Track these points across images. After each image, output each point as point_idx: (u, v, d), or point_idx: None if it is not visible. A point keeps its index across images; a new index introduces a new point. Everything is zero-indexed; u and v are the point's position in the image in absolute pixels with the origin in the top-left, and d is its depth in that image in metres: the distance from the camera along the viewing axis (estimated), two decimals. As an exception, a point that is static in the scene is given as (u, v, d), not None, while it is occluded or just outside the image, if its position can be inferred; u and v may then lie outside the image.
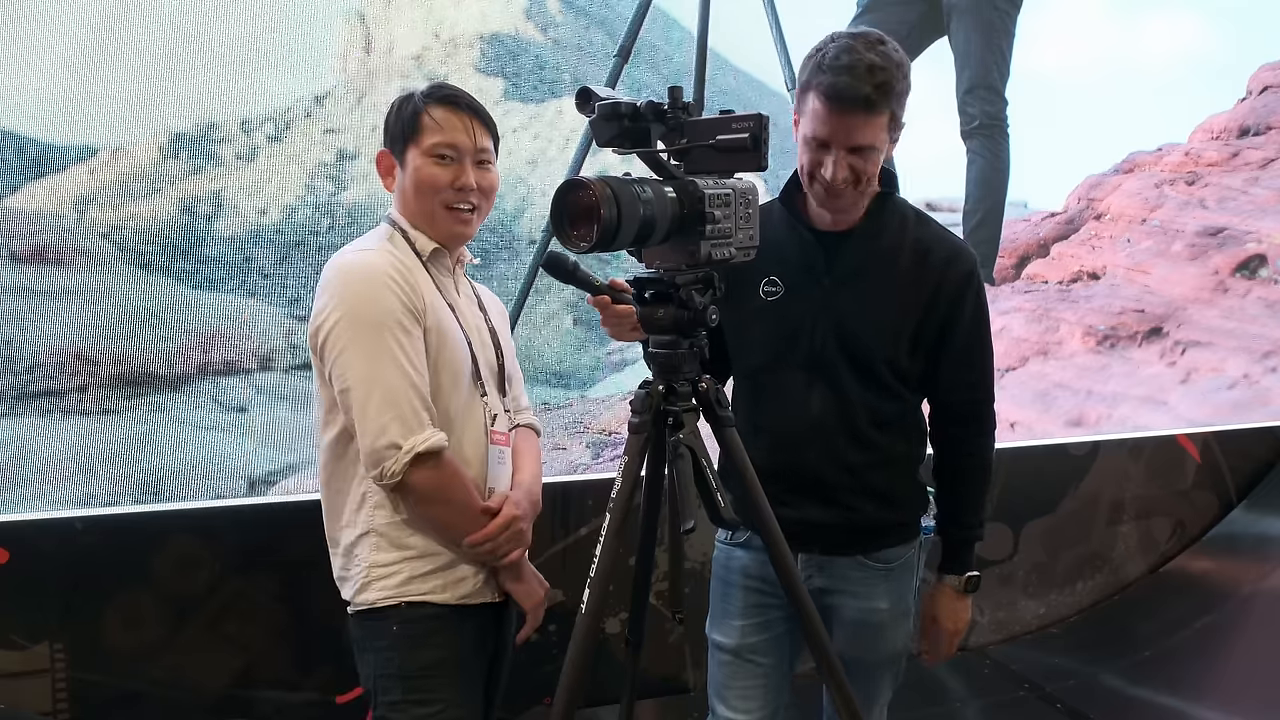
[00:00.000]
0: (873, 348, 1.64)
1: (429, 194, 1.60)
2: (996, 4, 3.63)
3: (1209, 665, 3.28)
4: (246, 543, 2.70)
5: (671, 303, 1.28)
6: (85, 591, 2.57)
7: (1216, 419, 4.03)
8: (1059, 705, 3.09)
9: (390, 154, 1.64)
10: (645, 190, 1.21)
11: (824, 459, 1.68)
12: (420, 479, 1.51)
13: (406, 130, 1.60)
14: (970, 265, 1.67)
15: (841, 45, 1.56)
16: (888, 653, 1.80)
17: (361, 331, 1.48)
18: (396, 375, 1.49)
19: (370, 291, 1.50)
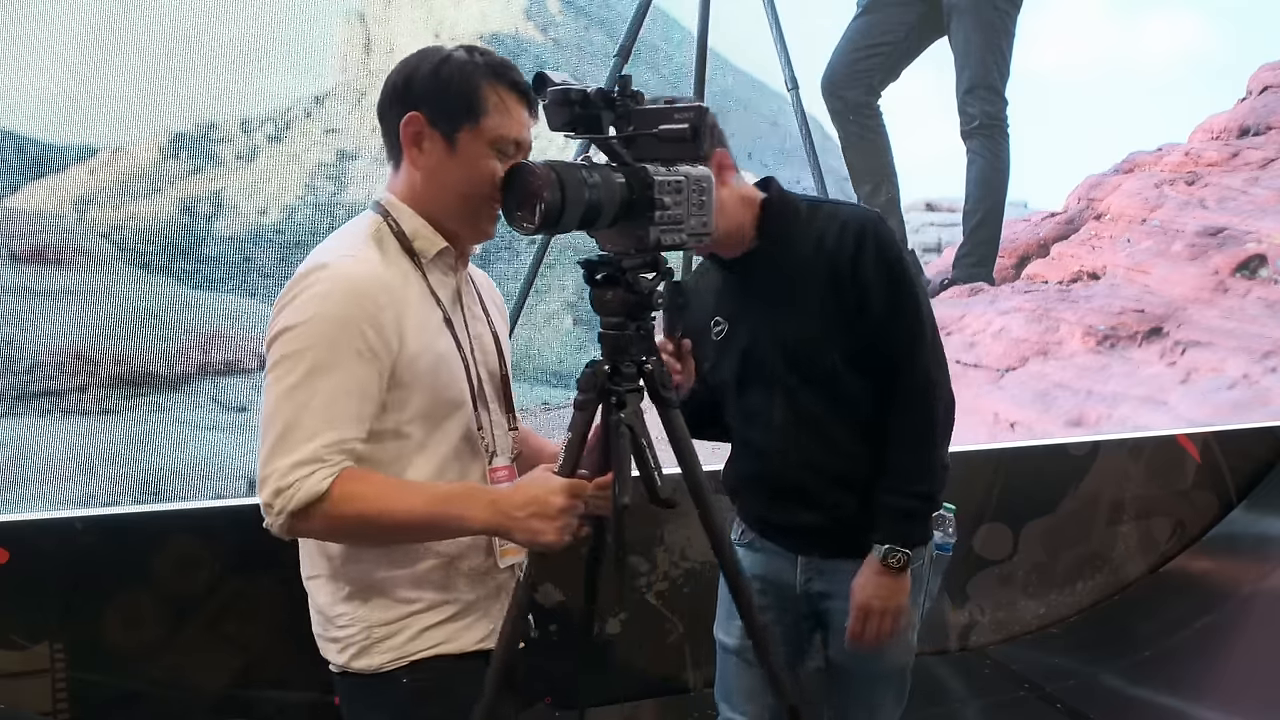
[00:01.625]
0: (813, 354, 1.67)
1: (479, 190, 1.34)
2: (996, 4, 3.63)
3: (1209, 665, 3.28)
4: (246, 543, 2.70)
5: (619, 285, 1.29)
6: (85, 591, 2.57)
7: (1216, 419, 4.03)
8: (1059, 705, 3.09)
9: (424, 119, 1.33)
10: (593, 175, 1.23)
11: (798, 465, 1.72)
12: (311, 528, 1.28)
13: (464, 105, 1.32)
14: (859, 224, 1.64)
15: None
16: (888, 663, 1.78)
17: (297, 355, 1.25)
18: (304, 417, 1.24)
19: (331, 312, 1.26)
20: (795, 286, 1.67)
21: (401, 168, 1.38)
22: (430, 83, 1.33)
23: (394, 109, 1.35)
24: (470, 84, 1.32)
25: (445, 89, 1.32)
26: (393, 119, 1.35)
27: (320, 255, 1.32)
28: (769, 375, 1.71)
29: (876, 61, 3.58)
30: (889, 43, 3.61)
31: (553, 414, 3.14)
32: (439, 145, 1.33)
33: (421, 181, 1.36)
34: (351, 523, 1.27)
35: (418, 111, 1.33)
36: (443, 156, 1.34)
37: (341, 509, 1.25)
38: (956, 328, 3.91)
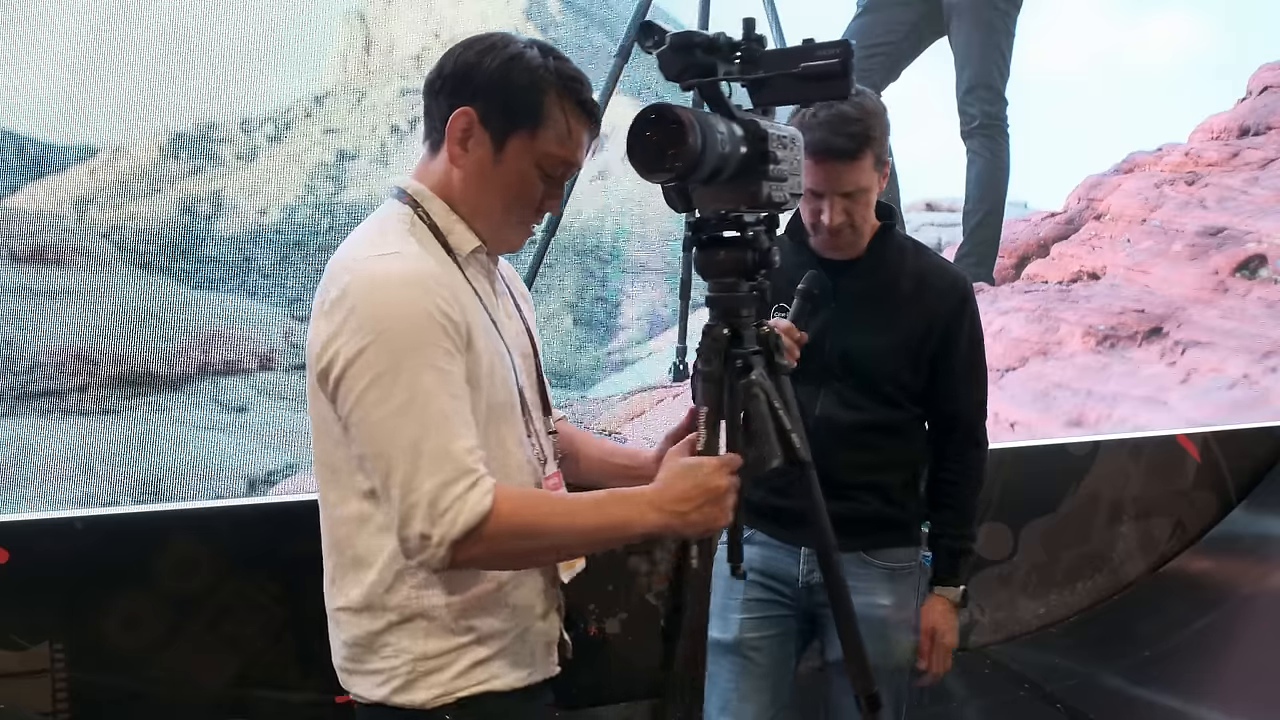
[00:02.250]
0: (875, 367, 1.76)
1: (516, 206, 1.25)
2: (996, 4, 3.63)
3: (1209, 665, 3.28)
4: (246, 543, 2.70)
5: (733, 245, 1.23)
6: (85, 591, 2.57)
7: (1216, 419, 4.03)
8: (1059, 705, 3.09)
9: (475, 117, 1.21)
10: (720, 125, 1.16)
11: (829, 456, 1.71)
12: (475, 555, 1.14)
13: (527, 112, 1.21)
14: (965, 291, 1.81)
15: (814, 112, 1.65)
16: (891, 661, 1.79)
17: (390, 373, 1.11)
18: (430, 432, 1.11)
19: (405, 314, 1.12)
20: (884, 308, 1.77)
21: (438, 157, 1.26)
22: (494, 81, 1.21)
23: (446, 96, 1.23)
24: (537, 90, 1.21)
25: (508, 89, 1.21)
26: (443, 106, 1.23)
27: (362, 260, 1.17)
28: (823, 372, 1.76)
29: (876, 61, 3.58)
30: (889, 43, 3.61)
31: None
32: (485, 147, 1.22)
33: (459, 180, 1.25)
34: (521, 543, 1.16)
35: (471, 107, 1.21)
36: (486, 159, 1.23)
37: (509, 526, 1.13)
38: (956, 328, 3.91)
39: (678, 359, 3.67)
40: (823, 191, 1.68)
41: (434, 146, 1.27)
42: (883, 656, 1.76)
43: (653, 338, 3.45)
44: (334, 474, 1.22)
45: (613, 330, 3.33)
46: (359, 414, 1.13)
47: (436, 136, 1.25)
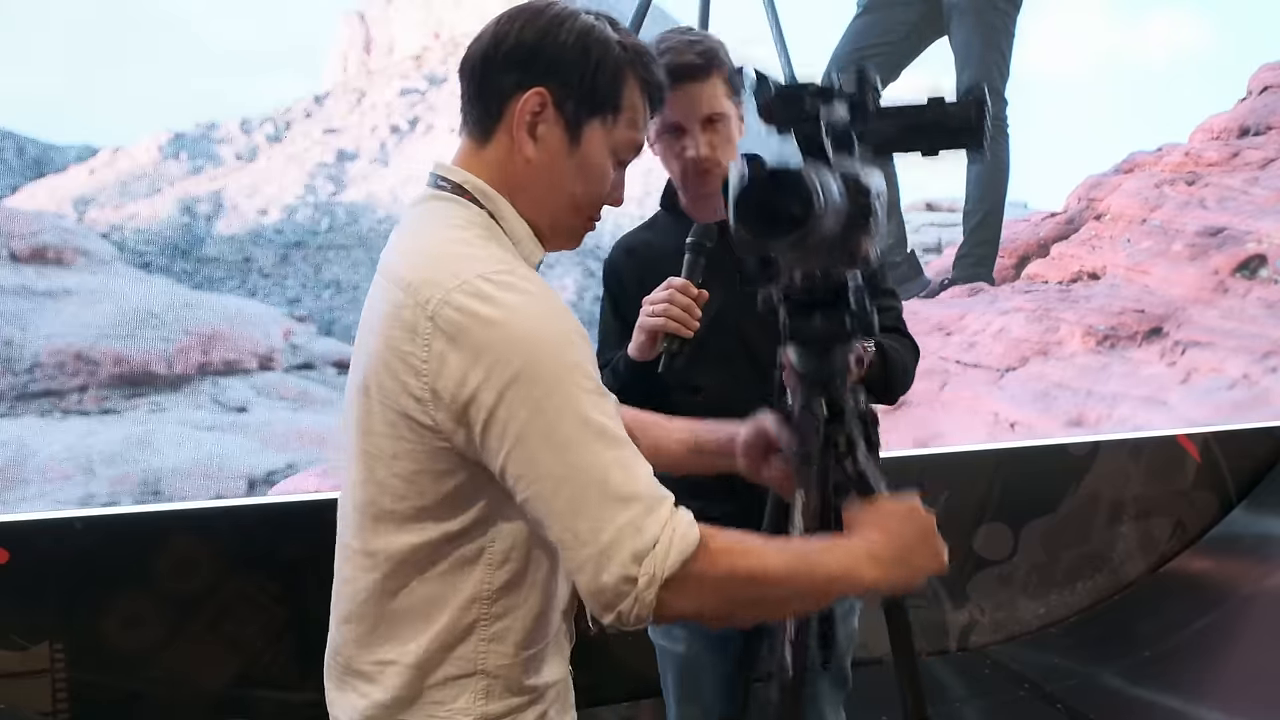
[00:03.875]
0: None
1: (586, 200, 1.13)
2: (997, 4, 3.63)
3: (1209, 665, 3.28)
4: (246, 543, 2.70)
5: (831, 308, 1.12)
6: (85, 591, 2.57)
7: (1216, 419, 4.03)
8: (1059, 705, 3.08)
9: (550, 99, 1.07)
10: (826, 177, 1.04)
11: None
12: (688, 599, 0.98)
13: (607, 95, 1.08)
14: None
15: (656, 39, 1.61)
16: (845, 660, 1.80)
17: (552, 401, 0.97)
18: (613, 462, 0.98)
19: (552, 336, 0.99)
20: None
21: (492, 145, 1.09)
22: (571, 57, 1.06)
23: (506, 74, 1.07)
24: (617, 71, 1.08)
25: (587, 69, 1.06)
26: (500, 85, 1.07)
27: (471, 279, 0.99)
28: (737, 344, 1.65)
29: (877, 62, 3.58)
30: (889, 43, 3.61)
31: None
32: (558, 134, 1.08)
33: (525, 173, 1.09)
34: (734, 585, 1.00)
35: (544, 88, 1.06)
36: (560, 148, 1.08)
37: (721, 565, 0.98)
38: (956, 328, 3.91)
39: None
40: (681, 121, 1.59)
41: (483, 133, 1.10)
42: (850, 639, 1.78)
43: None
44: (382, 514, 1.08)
45: (613, 330, 3.33)
46: (524, 452, 0.97)
47: (489, 121, 1.09)
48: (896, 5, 3.62)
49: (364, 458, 1.09)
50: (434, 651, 1.08)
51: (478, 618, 1.08)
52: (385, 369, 1.02)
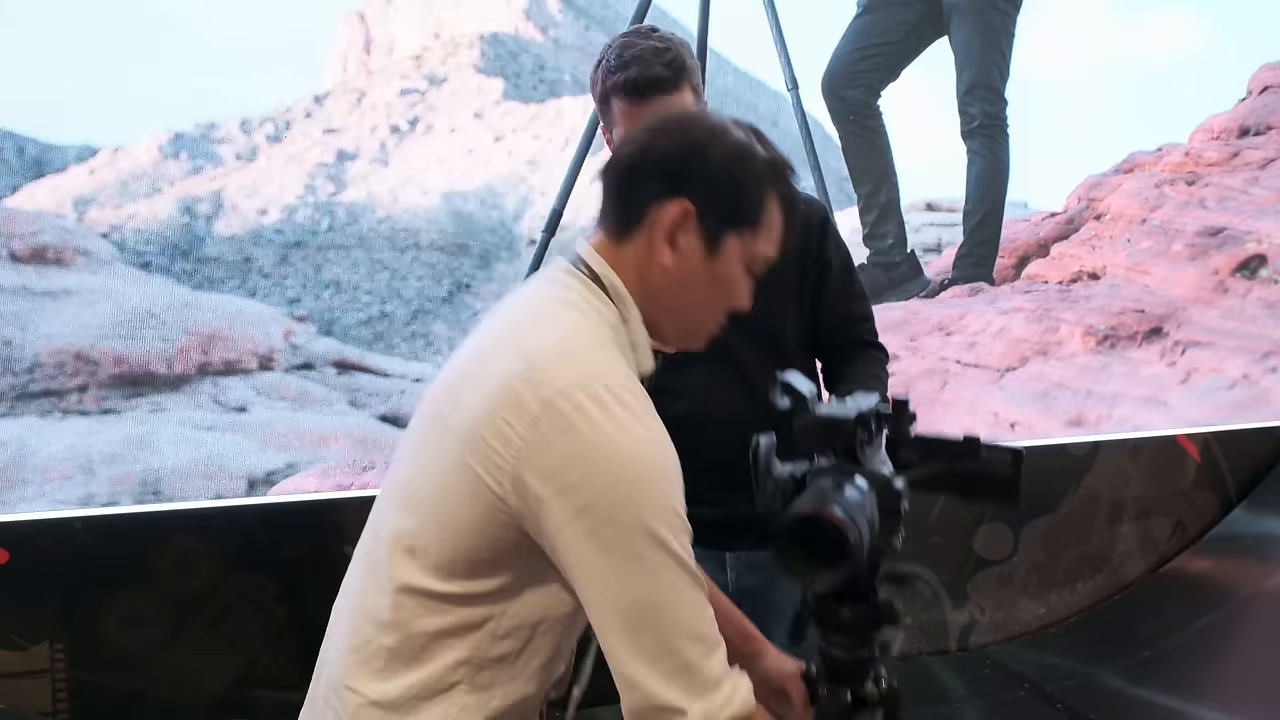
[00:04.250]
0: (767, 324, 1.63)
1: (717, 309, 1.15)
2: (997, 4, 3.63)
3: (1209, 665, 3.28)
4: (246, 543, 2.70)
5: (861, 602, 1.12)
6: (85, 591, 2.57)
7: (1216, 419, 4.03)
8: (1059, 705, 3.08)
9: (694, 211, 1.08)
10: (861, 498, 1.04)
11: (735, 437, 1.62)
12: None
13: (748, 210, 1.11)
14: (823, 212, 1.75)
15: (618, 44, 1.59)
16: None
17: (637, 529, 0.98)
18: (686, 601, 1.00)
19: (651, 470, 1.01)
20: None
21: (629, 246, 1.11)
22: (718, 172, 1.08)
23: (652, 182, 1.09)
24: (760, 188, 1.10)
25: (733, 185, 1.09)
26: (643, 192, 1.09)
27: (581, 379, 1.00)
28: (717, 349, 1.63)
29: (876, 61, 3.59)
30: (889, 43, 3.62)
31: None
32: (696, 244, 1.09)
33: (659, 278, 1.10)
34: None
35: (689, 200, 1.08)
36: (697, 258, 1.10)
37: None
38: (956, 328, 3.91)
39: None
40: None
41: (622, 231, 1.11)
42: None
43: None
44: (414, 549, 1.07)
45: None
46: (598, 568, 0.99)
47: (629, 222, 1.11)
48: (896, 5, 3.62)
49: (418, 488, 1.09)
50: (409, 699, 1.08)
51: (461, 680, 1.08)
52: (477, 426, 1.02)
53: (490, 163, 3.40)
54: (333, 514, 2.70)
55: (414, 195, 3.09)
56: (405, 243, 3.09)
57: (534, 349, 1.03)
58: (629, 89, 1.56)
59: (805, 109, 3.35)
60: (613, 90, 1.58)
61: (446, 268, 3.21)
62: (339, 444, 3.02)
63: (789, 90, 3.30)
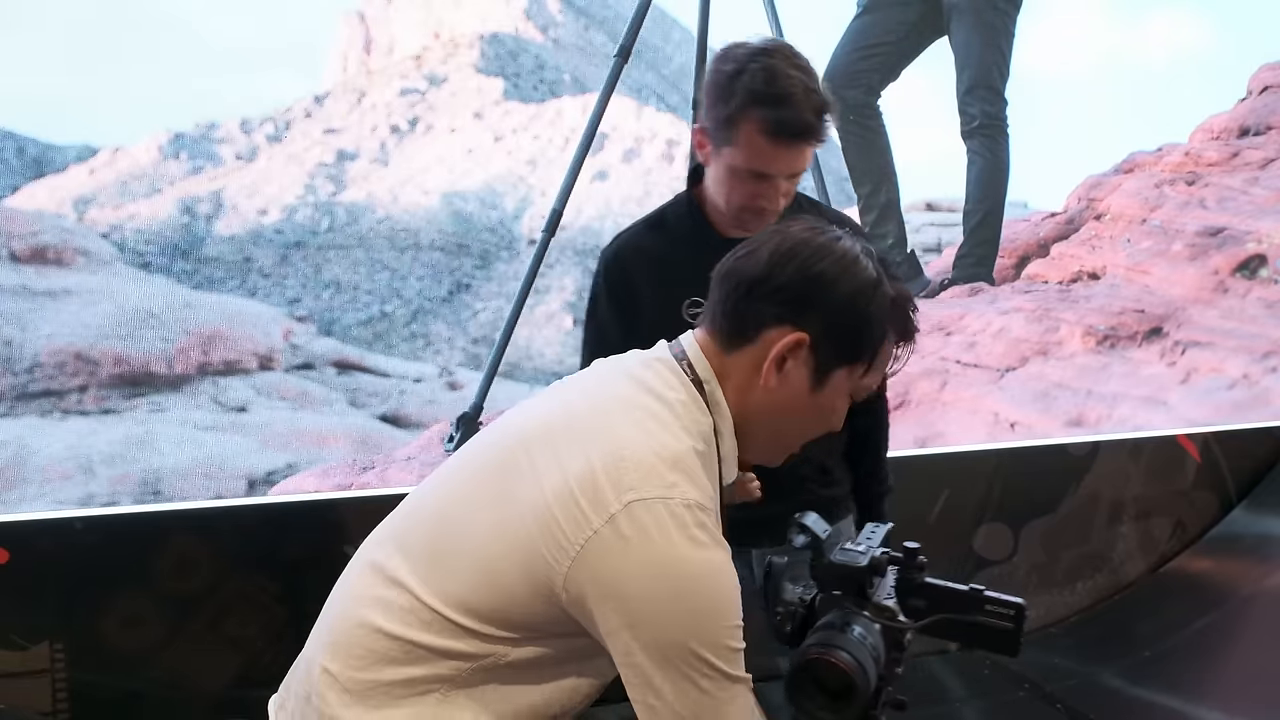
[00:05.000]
0: None
1: (811, 432, 1.17)
2: (997, 4, 3.63)
3: (1209, 665, 3.28)
4: (246, 543, 2.70)
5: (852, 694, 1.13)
6: (85, 591, 2.57)
7: (1216, 419, 4.03)
8: (1059, 705, 3.09)
9: (808, 344, 1.08)
10: (867, 639, 1.07)
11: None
12: None
13: (862, 349, 1.09)
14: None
15: (766, 67, 1.47)
16: None
17: (676, 658, 0.99)
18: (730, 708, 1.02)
19: (709, 603, 1.01)
20: None
21: (736, 357, 1.10)
22: (842, 311, 1.07)
23: (771, 305, 1.08)
24: (880, 329, 1.09)
25: (854, 323, 1.08)
26: (764, 313, 1.08)
27: (662, 493, 1.00)
28: None
29: (876, 62, 3.58)
30: (889, 43, 3.62)
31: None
32: (804, 374, 1.09)
33: (760, 398, 1.10)
34: None
35: (806, 333, 1.07)
36: (803, 387, 1.10)
37: None
38: (956, 328, 3.91)
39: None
40: (774, 174, 1.51)
41: (731, 342, 1.11)
42: None
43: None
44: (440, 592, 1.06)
45: (613, 330, 3.33)
46: (644, 676, 1.00)
47: (741, 338, 1.10)
48: (896, 5, 3.62)
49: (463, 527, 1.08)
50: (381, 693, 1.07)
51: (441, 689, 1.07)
52: (549, 500, 1.01)
53: (490, 163, 3.40)
54: (333, 514, 2.70)
55: (414, 195, 3.09)
56: (405, 243, 3.09)
57: (625, 446, 1.02)
58: (776, 129, 1.47)
59: (805, 109, 3.35)
60: (753, 119, 1.47)
61: (446, 268, 3.21)
62: (339, 444, 3.02)
63: (789, 90, 3.30)
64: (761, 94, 1.45)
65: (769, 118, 1.46)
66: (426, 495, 1.18)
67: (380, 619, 1.08)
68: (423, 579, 1.07)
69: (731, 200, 1.56)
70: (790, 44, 1.54)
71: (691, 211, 1.66)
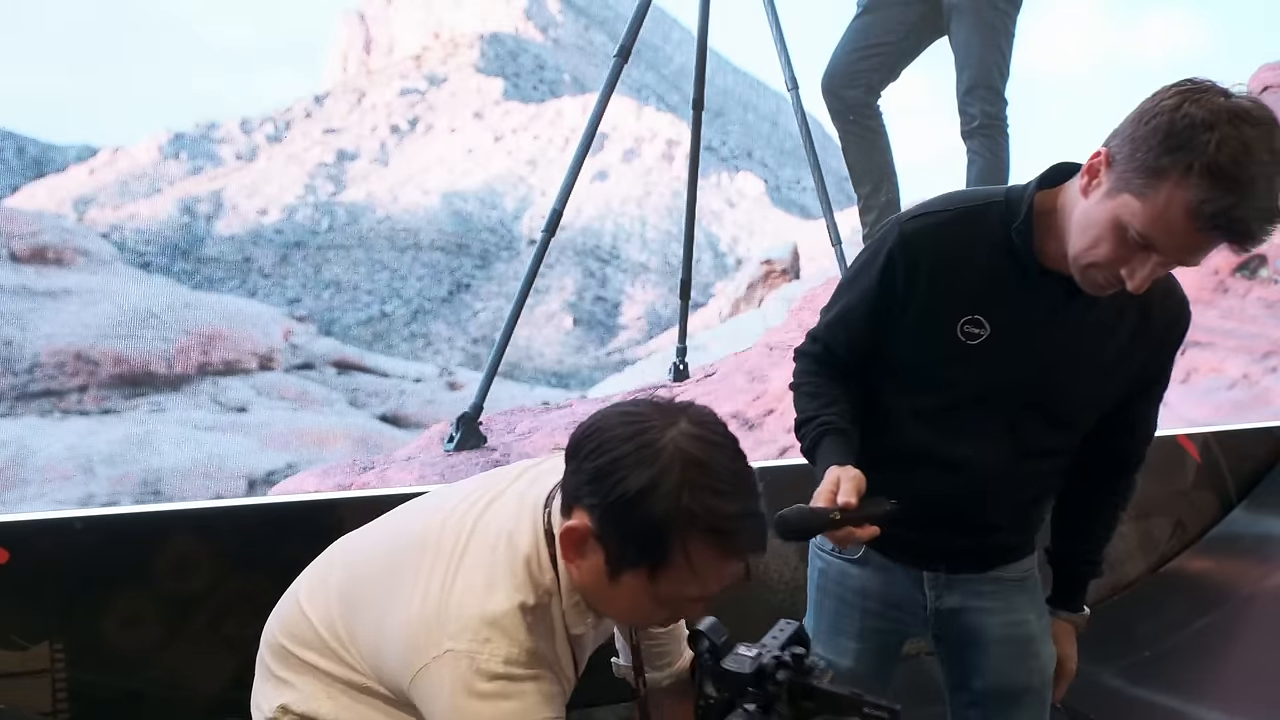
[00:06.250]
0: (1078, 401, 1.48)
1: (635, 621, 1.29)
2: (997, 4, 3.63)
3: (1209, 665, 3.28)
4: (246, 543, 2.70)
5: None
6: (85, 591, 2.57)
7: (1216, 419, 4.03)
8: (1059, 705, 3.09)
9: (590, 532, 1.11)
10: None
11: (997, 500, 1.53)
12: None
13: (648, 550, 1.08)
14: (1189, 320, 1.53)
15: (1242, 143, 1.20)
16: (1047, 675, 1.68)
17: None
18: None
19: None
20: (1109, 328, 1.44)
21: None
22: (618, 508, 1.07)
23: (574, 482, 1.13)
24: (664, 530, 1.07)
25: (630, 523, 1.08)
26: (569, 487, 1.14)
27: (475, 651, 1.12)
28: (1015, 401, 1.46)
29: (876, 61, 3.58)
30: (889, 43, 3.61)
31: (553, 414, 3.14)
32: (599, 562, 1.14)
33: (577, 576, 1.17)
34: None
35: (589, 518, 1.11)
36: (601, 575, 1.15)
37: None
38: (956, 328, 3.91)
39: (678, 359, 3.67)
40: (1161, 250, 1.28)
41: (565, 508, 1.14)
42: (1038, 673, 1.67)
43: (653, 338, 3.45)
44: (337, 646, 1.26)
45: (613, 330, 3.33)
46: None
47: (566, 509, 1.13)
48: (896, 5, 3.62)
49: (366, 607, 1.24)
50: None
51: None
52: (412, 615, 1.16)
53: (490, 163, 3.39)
54: (333, 514, 2.70)
55: (414, 195, 3.09)
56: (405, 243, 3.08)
57: (463, 593, 1.14)
58: (1215, 224, 1.20)
59: (805, 109, 3.35)
60: (1189, 189, 1.19)
61: (446, 268, 3.21)
62: (339, 444, 3.02)
63: (789, 90, 3.30)
64: (1222, 170, 1.17)
65: (1213, 201, 1.18)
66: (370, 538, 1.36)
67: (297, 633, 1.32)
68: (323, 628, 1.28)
69: (1085, 252, 1.31)
70: (1273, 115, 1.25)
71: (1025, 220, 1.38)
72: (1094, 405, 1.49)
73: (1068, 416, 1.49)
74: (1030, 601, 1.62)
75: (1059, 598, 1.68)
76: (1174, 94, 1.25)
